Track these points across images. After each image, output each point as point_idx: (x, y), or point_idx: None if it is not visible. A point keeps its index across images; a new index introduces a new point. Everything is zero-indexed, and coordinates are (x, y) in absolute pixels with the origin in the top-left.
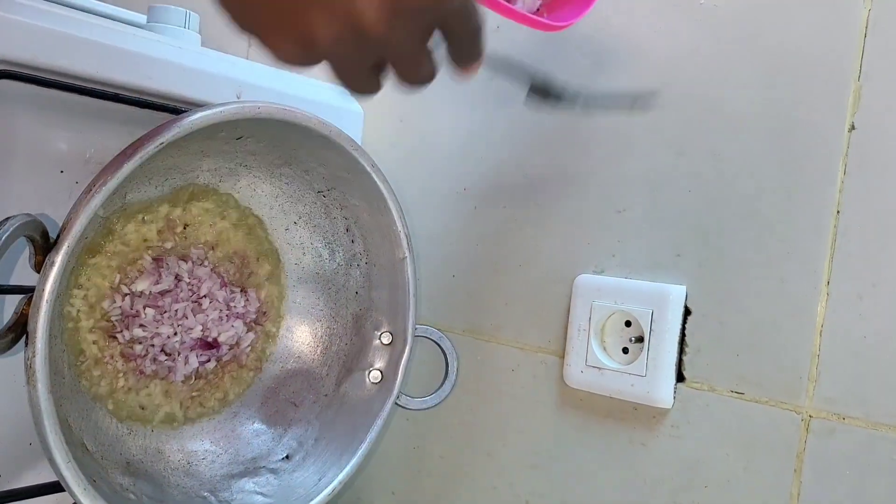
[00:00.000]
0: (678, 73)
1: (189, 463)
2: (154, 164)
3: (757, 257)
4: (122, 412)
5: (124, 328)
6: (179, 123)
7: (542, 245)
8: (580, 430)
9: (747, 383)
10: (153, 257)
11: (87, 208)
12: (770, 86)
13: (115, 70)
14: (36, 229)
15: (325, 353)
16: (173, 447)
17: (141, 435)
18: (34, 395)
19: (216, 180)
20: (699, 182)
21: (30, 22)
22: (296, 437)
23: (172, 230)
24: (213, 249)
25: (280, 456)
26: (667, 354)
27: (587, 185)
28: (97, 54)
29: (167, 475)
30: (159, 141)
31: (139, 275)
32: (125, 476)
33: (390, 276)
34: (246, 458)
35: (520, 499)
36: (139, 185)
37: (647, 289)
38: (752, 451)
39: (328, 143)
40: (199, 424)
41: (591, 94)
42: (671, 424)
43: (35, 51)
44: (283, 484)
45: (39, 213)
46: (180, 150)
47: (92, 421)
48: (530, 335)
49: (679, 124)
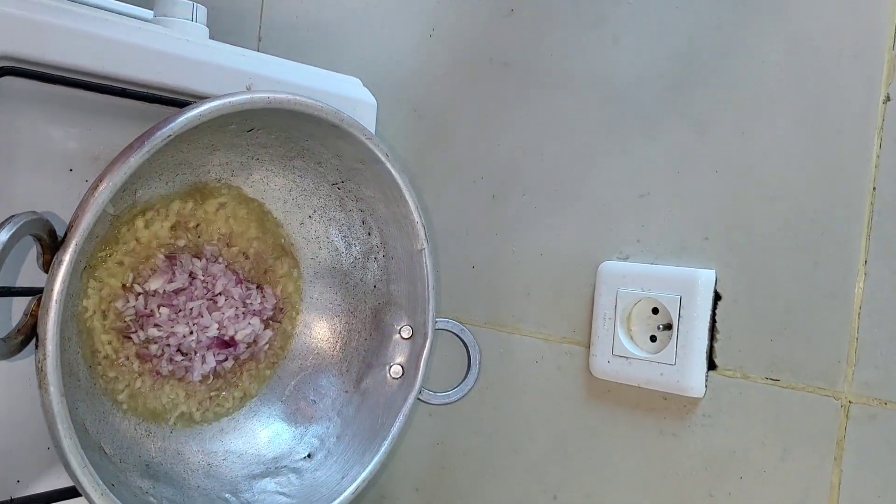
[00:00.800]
0: (700, 50)
1: (209, 464)
2: (164, 159)
3: (789, 238)
4: (140, 414)
5: (139, 328)
6: (187, 115)
7: (563, 233)
8: (608, 422)
9: (782, 369)
10: (166, 255)
11: (94, 204)
12: (798, 59)
13: (122, 65)
14: (42, 228)
15: (344, 349)
16: (193, 448)
17: (159, 436)
18: (46, 400)
19: (228, 175)
20: (725, 161)
21: (33, 17)
22: (317, 435)
23: (185, 227)
24: (228, 246)
25: (302, 455)
26: (697, 341)
27: (607, 170)
28: (103, 49)
29: (187, 477)
30: (167, 133)
31: (152, 273)
32: (145, 479)
33: (409, 269)
34: (267, 457)
35: (548, 493)
36: (149, 181)
37: (674, 274)
38: (790, 439)
39: (341, 132)
40: (218, 424)
41: None
42: (703, 414)
43: (39, 46)
44: (305, 483)
45: (48, 213)
46: (190, 145)
47: (109, 423)
48: (554, 325)
49: (703, 104)
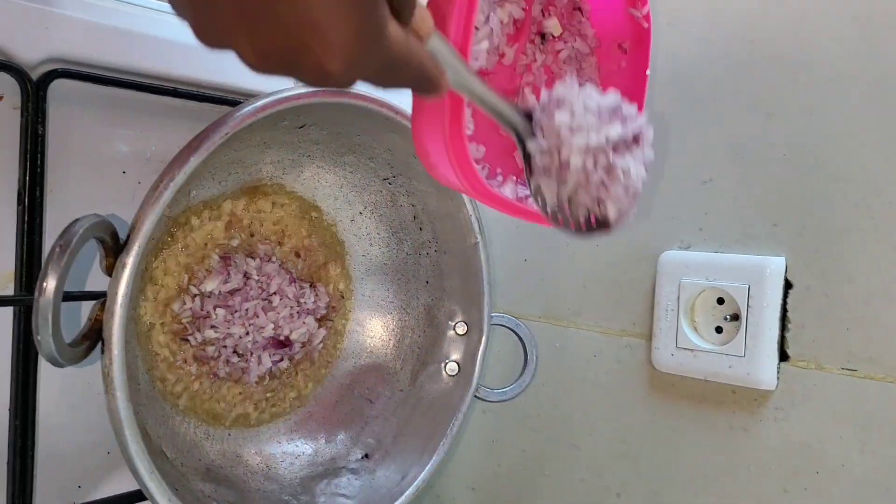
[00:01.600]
0: (763, 31)
1: (268, 466)
2: (217, 158)
3: (863, 223)
4: (198, 416)
5: (195, 330)
6: (242, 111)
7: None
8: (673, 417)
9: (859, 359)
10: (220, 255)
11: (156, 206)
12: (869, 35)
13: (171, 63)
14: (106, 230)
15: (398, 347)
16: (251, 450)
17: (218, 439)
18: (113, 405)
19: (279, 173)
20: (793, 145)
21: (84, 17)
22: (373, 435)
23: (238, 226)
24: (280, 244)
25: (359, 455)
26: (767, 332)
27: (667, 156)
28: (153, 48)
29: (247, 479)
30: (224, 131)
31: (207, 274)
32: (206, 482)
33: (462, 264)
34: (324, 458)
35: (610, 491)
36: (203, 181)
37: (741, 262)
38: (869, 431)
39: (393, 125)
40: (274, 426)
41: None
42: (775, 407)
43: (90, 48)
44: (364, 484)
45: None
46: (243, 143)
47: (169, 427)
48: (612, 318)
49: (767, 85)
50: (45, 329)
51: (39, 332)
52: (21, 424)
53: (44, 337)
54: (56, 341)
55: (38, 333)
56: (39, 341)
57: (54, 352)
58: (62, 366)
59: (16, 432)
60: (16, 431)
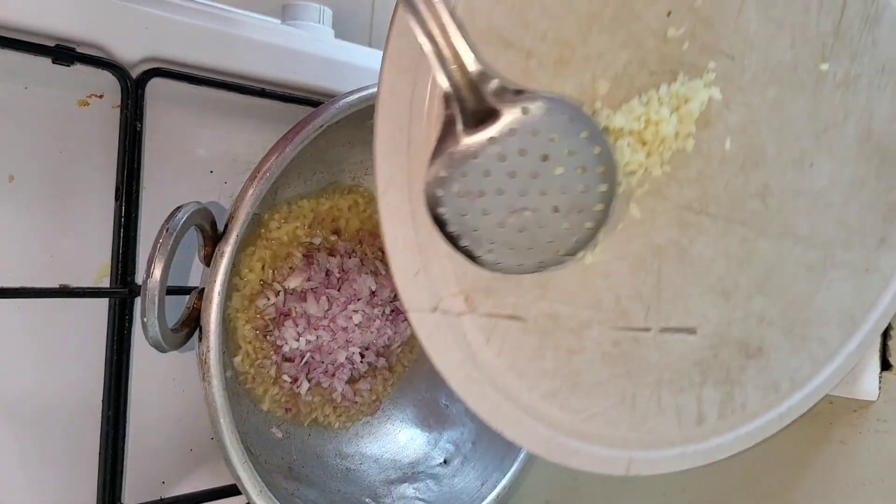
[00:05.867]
0: None
1: (347, 468)
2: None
3: None
4: (279, 415)
5: (277, 327)
6: (337, 105)
7: None
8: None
9: None
10: (303, 254)
11: (252, 195)
12: None
13: (259, 65)
14: (206, 218)
15: None
16: (330, 451)
17: (298, 439)
18: (210, 392)
19: (361, 174)
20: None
21: (178, 18)
22: (452, 441)
23: (321, 225)
24: (361, 244)
25: (438, 460)
26: None
27: None
28: (243, 49)
29: (327, 480)
30: (318, 124)
31: (290, 272)
32: (289, 481)
33: None
34: (403, 462)
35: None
36: (289, 180)
37: None
38: None
39: None
40: (353, 428)
41: None
42: (877, 418)
43: (184, 48)
44: (443, 490)
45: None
46: (329, 142)
47: (252, 424)
48: None
49: None
50: (152, 312)
51: (146, 315)
52: (113, 415)
53: (150, 319)
54: (161, 325)
55: (144, 316)
56: (146, 323)
57: (159, 335)
58: (165, 350)
59: (108, 423)
60: (108, 422)
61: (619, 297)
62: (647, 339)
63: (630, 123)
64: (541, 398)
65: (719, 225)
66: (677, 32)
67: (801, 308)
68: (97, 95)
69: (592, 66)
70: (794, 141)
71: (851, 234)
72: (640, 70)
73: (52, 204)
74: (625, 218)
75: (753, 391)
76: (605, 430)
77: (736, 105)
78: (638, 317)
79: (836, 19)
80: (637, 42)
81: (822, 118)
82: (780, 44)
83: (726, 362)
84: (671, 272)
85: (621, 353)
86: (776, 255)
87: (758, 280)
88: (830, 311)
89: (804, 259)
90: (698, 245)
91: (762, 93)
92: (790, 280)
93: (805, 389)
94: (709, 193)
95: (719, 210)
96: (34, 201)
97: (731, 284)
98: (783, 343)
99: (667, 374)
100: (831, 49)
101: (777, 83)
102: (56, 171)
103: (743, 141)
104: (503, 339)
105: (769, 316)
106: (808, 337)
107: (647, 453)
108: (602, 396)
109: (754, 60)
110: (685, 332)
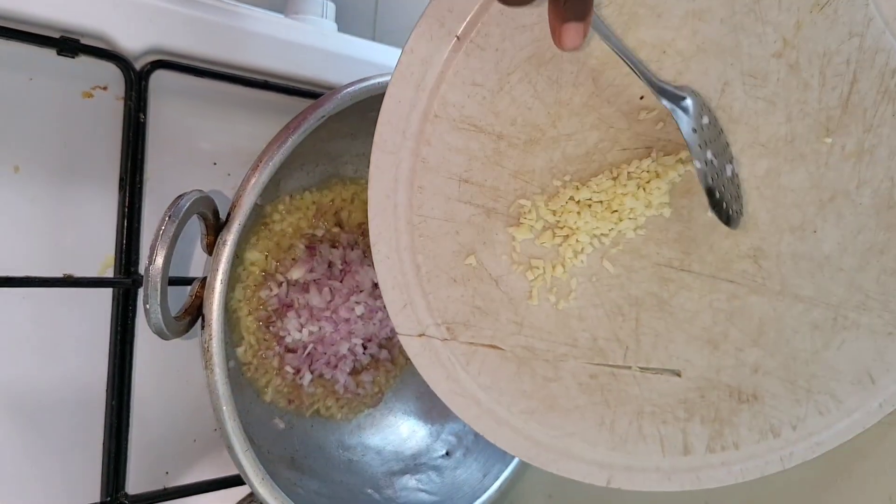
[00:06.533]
0: None
1: (350, 460)
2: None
3: None
4: (281, 406)
5: (279, 318)
6: (339, 95)
7: None
8: None
9: None
10: (306, 245)
11: (255, 184)
12: None
13: (264, 58)
14: (208, 206)
15: None
16: (333, 443)
17: (301, 430)
18: (212, 379)
19: (364, 167)
20: None
21: (183, 11)
22: (454, 433)
23: (323, 217)
24: (363, 236)
25: (440, 452)
26: None
27: None
28: (246, 42)
29: (329, 471)
30: (320, 114)
31: (293, 263)
32: (291, 471)
33: None
34: (405, 454)
35: (697, 499)
36: (292, 171)
37: None
38: None
39: None
40: (355, 420)
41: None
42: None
43: (188, 40)
44: (446, 481)
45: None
46: (331, 133)
47: (255, 415)
48: None
49: None
50: (154, 298)
51: (149, 301)
52: (117, 405)
53: (152, 306)
54: (163, 311)
55: (147, 302)
56: (148, 310)
57: (161, 322)
58: (167, 337)
59: (112, 412)
60: (112, 412)
61: (595, 338)
62: (627, 375)
63: (598, 195)
64: (519, 414)
65: (704, 281)
66: (650, 115)
67: (806, 363)
68: (101, 87)
69: (562, 145)
70: (791, 209)
71: (869, 298)
72: (612, 147)
73: (56, 195)
74: (598, 272)
75: (748, 433)
76: (583, 448)
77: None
78: (616, 356)
79: (844, 93)
80: (608, 124)
81: (827, 187)
82: (773, 119)
83: (715, 403)
84: (651, 319)
85: (598, 384)
86: (772, 311)
87: (751, 333)
88: (842, 369)
89: (808, 318)
90: (680, 298)
91: (751, 164)
92: (791, 335)
93: (813, 438)
94: (691, 253)
95: (703, 268)
96: (39, 192)
97: (718, 335)
98: (782, 393)
99: (648, 407)
100: (838, 122)
101: (770, 156)
102: (61, 162)
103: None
104: (482, 363)
105: (766, 366)
106: (813, 390)
107: (630, 472)
108: (579, 419)
109: (740, 136)
110: (669, 373)
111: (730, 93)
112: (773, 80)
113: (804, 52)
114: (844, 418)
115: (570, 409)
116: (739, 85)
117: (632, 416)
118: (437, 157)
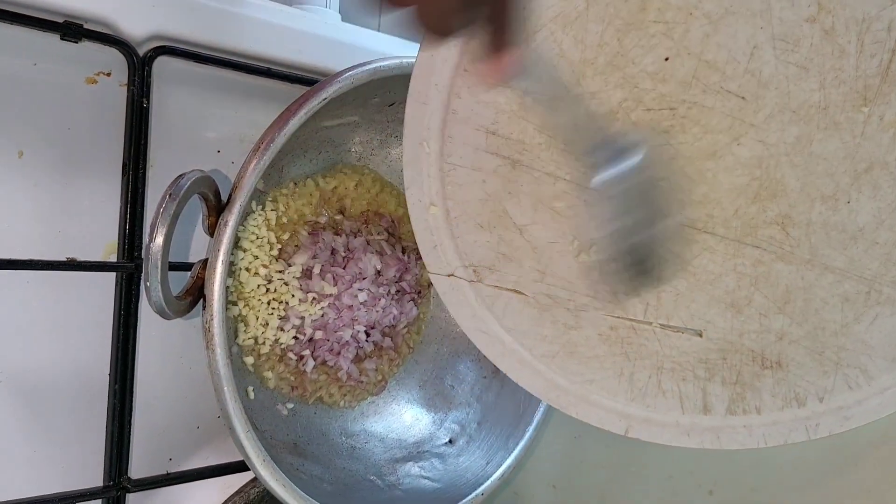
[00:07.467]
0: None
1: (353, 447)
2: (309, 136)
3: None
4: (284, 393)
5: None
6: (340, 79)
7: None
8: None
9: None
10: (309, 232)
11: (255, 166)
12: None
13: (267, 45)
14: (209, 187)
15: None
16: (336, 430)
17: (303, 416)
18: (213, 360)
19: (367, 153)
20: None
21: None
22: (457, 421)
23: (326, 204)
24: (367, 224)
25: (443, 440)
26: None
27: None
28: (249, 29)
29: (332, 458)
30: (322, 96)
31: (296, 250)
32: (294, 456)
33: None
34: (408, 442)
35: (701, 489)
36: (295, 158)
37: None
38: None
39: None
40: (359, 408)
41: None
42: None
43: (192, 26)
44: (449, 469)
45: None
46: (334, 120)
47: (258, 401)
48: None
49: None
50: (155, 276)
51: (149, 279)
52: (120, 390)
53: (153, 284)
54: (164, 290)
55: (147, 280)
56: (148, 287)
57: (162, 300)
58: (168, 317)
59: (115, 397)
60: (115, 396)
61: (615, 292)
62: (647, 330)
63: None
64: (540, 357)
65: (728, 245)
66: (677, 75)
67: (835, 334)
68: (105, 73)
69: (586, 103)
70: (823, 177)
71: None
72: (636, 107)
73: (60, 180)
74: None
75: (771, 399)
76: (602, 396)
77: (748, 140)
78: (636, 311)
79: (884, 61)
80: (633, 84)
81: (863, 158)
82: (805, 86)
83: (737, 367)
84: (671, 278)
85: (618, 336)
86: (800, 279)
87: (777, 300)
88: (874, 344)
89: (839, 290)
90: (703, 260)
91: (781, 130)
92: (820, 305)
93: (842, 413)
94: (715, 216)
95: (728, 232)
96: (43, 177)
97: (742, 299)
98: (808, 362)
99: (668, 363)
100: (877, 91)
101: (801, 122)
102: (64, 147)
103: (757, 174)
104: (506, 306)
105: (792, 335)
106: (842, 363)
107: (648, 424)
108: (598, 368)
109: (770, 101)
110: (690, 332)
111: (759, 56)
112: (806, 44)
113: (840, 17)
114: (876, 395)
115: (590, 357)
116: (770, 49)
117: (651, 370)
118: (465, 109)
